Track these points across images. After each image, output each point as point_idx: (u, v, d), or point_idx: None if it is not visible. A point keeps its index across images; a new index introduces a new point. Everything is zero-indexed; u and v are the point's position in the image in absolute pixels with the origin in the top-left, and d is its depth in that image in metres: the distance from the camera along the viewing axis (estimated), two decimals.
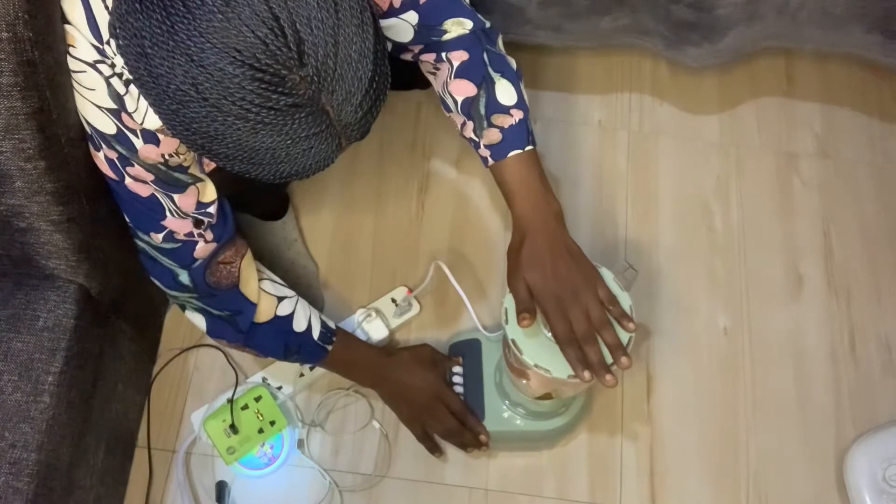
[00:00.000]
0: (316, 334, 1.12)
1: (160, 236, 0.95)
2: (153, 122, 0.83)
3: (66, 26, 0.79)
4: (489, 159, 0.99)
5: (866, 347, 1.36)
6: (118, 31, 0.69)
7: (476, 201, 1.45)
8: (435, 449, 1.23)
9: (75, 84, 0.82)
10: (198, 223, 0.95)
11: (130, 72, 0.70)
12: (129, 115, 0.82)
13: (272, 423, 1.21)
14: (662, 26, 1.44)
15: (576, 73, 1.55)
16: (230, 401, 1.21)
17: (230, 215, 1.00)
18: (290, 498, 1.23)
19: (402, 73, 0.95)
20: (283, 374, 1.26)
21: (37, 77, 0.77)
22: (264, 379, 1.26)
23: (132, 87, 0.80)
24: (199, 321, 1.06)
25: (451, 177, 1.47)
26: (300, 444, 1.25)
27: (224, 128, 0.67)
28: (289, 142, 0.68)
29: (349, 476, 1.25)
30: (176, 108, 0.67)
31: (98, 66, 0.79)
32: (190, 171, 0.91)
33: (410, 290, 1.34)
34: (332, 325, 1.15)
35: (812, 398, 1.32)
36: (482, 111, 0.98)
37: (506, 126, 0.98)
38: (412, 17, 0.98)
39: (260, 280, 1.07)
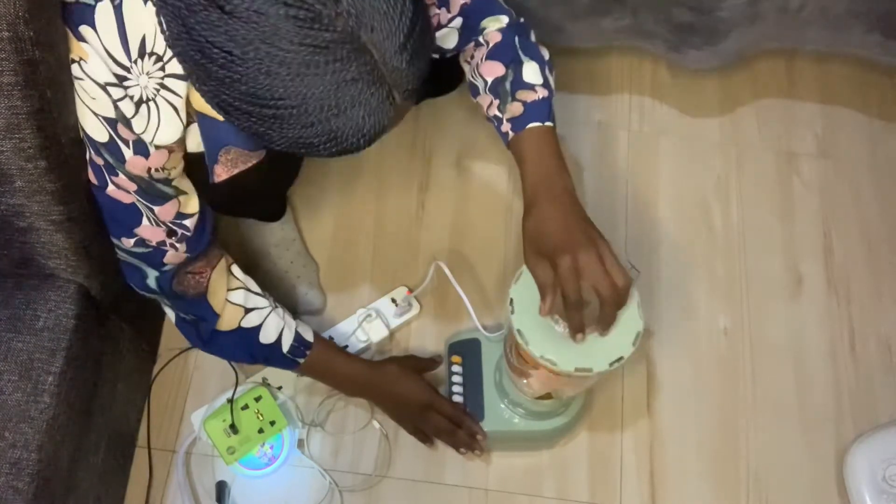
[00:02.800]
0: (286, 348, 1.11)
1: (131, 241, 0.94)
2: (164, 138, 0.83)
3: (82, 44, 0.79)
4: (510, 133, 0.99)
5: (866, 347, 1.36)
6: (163, 24, 0.69)
7: (476, 201, 1.45)
8: (427, 439, 1.24)
9: (77, 87, 0.82)
10: (171, 233, 0.95)
11: (184, 60, 0.69)
12: (131, 129, 0.82)
13: (272, 423, 1.21)
14: (663, 28, 1.44)
15: (576, 73, 1.55)
16: (230, 401, 1.21)
17: (208, 230, 1.00)
18: (290, 498, 1.23)
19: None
20: (283, 375, 1.26)
21: (37, 76, 0.77)
22: (264, 379, 1.26)
23: (144, 107, 0.81)
24: (170, 315, 1.07)
25: (451, 177, 1.47)
26: (300, 444, 1.25)
27: (267, 80, 0.66)
28: (334, 87, 0.66)
29: (349, 476, 1.25)
30: (222, 76, 0.66)
31: (109, 88, 0.80)
32: (174, 183, 0.91)
33: (410, 290, 1.34)
34: (309, 337, 1.14)
35: (812, 398, 1.32)
36: (508, 88, 1.00)
37: (529, 101, 0.99)
38: (457, 21, 1.00)
39: (232, 290, 1.06)
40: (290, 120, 0.68)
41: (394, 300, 1.34)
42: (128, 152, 0.84)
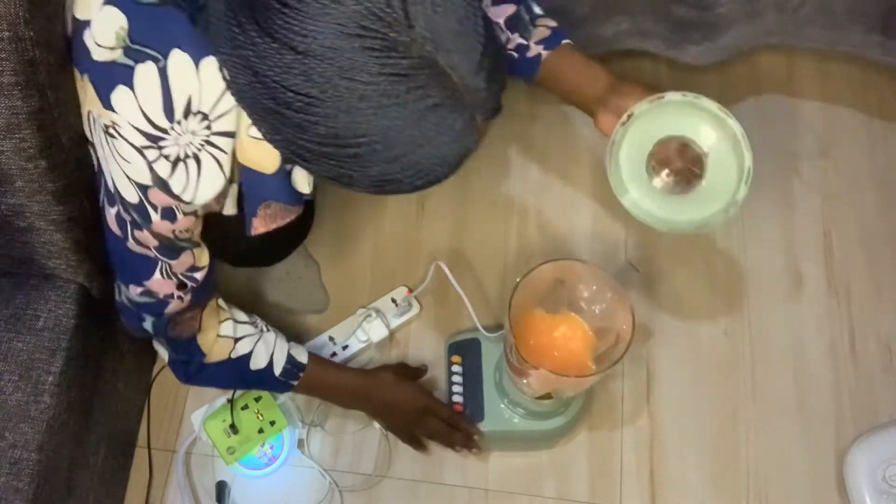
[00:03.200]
0: (278, 371, 1.10)
1: (137, 290, 0.93)
2: (206, 193, 0.81)
3: (111, 114, 0.76)
4: (542, 54, 1.01)
5: (866, 347, 1.36)
6: (230, 78, 0.69)
7: (476, 201, 1.45)
8: (421, 446, 1.24)
9: (109, 145, 0.79)
10: (181, 285, 0.94)
11: (255, 111, 0.69)
12: (166, 193, 0.80)
13: (272, 423, 1.21)
14: (663, 26, 1.44)
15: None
16: (230, 401, 1.21)
17: (211, 283, 0.99)
18: (290, 498, 1.23)
19: None
20: None
21: (37, 76, 0.77)
22: None
23: (182, 165, 0.79)
24: (162, 353, 1.06)
25: (452, 177, 1.46)
26: (300, 444, 1.25)
27: (349, 118, 0.65)
28: (417, 116, 0.65)
29: (349, 476, 1.25)
30: (300, 122, 0.66)
31: (145, 151, 0.78)
32: (192, 238, 0.90)
33: (410, 290, 1.34)
34: (302, 358, 1.13)
35: (812, 398, 1.32)
36: (525, 18, 1.02)
37: (551, 25, 1.02)
38: None
39: (222, 322, 1.05)
40: (372, 157, 0.67)
41: (394, 300, 1.34)
42: (155, 216, 0.83)
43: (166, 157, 0.78)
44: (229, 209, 0.87)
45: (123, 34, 0.75)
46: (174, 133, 0.77)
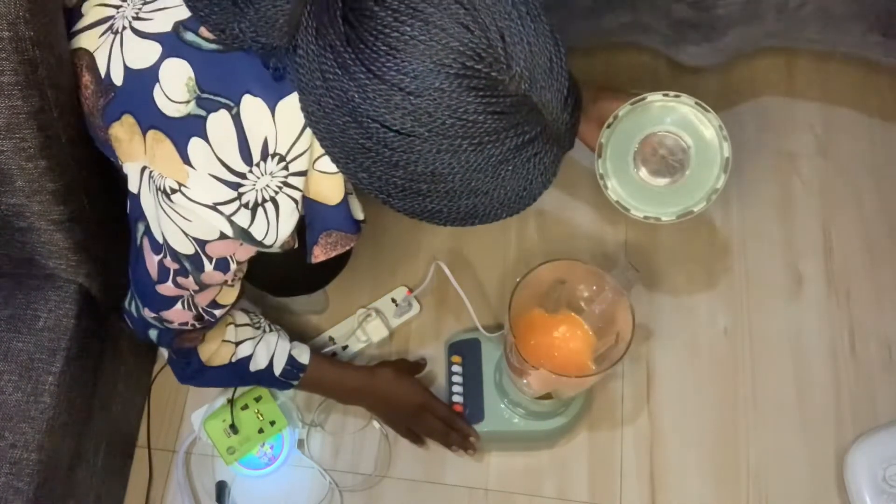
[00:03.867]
0: (278, 371, 1.11)
1: (151, 314, 0.93)
2: (283, 236, 0.82)
3: (185, 167, 0.76)
4: None
5: (866, 347, 1.36)
6: (316, 119, 0.70)
7: None
8: (418, 440, 1.24)
9: (167, 205, 0.79)
10: (199, 318, 0.94)
11: (343, 151, 0.70)
12: (250, 242, 0.80)
13: (272, 423, 1.21)
14: (663, 24, 1.44)
15: (575, 73, 1.55)
16: (230, 401, 1.21)
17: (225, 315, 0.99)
18: (290, 498, 1.23)
19: None
20: None
21: (38, 76, 0.77)
22: None
23: (261, 210, 0.79)
24: (164, 352, 1.06)
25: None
26: (300, 444, 1.25)
27: (450, 157, 0.66)
28: (512, 151, 0.67)
29: (349, 476, 1.25)
30: (396, 161, 0.67)
31: (220, 207, 0.78)
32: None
33: (410, 290, 1.34)
34: (303, 359, 1.13)
35: (812, 398, 1.32)
36: None
37: None
38: None
39: (225, 325, 1.05)
40: (464, 191, 0.69)
41: (394, 300, 1.34)
42: (208, 266, 0.83)
43: (245, 206, 0.78)
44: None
45: (192, 85, 0.75)
46: (252, 177, 0.77)
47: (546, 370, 0.98)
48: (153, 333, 0.98)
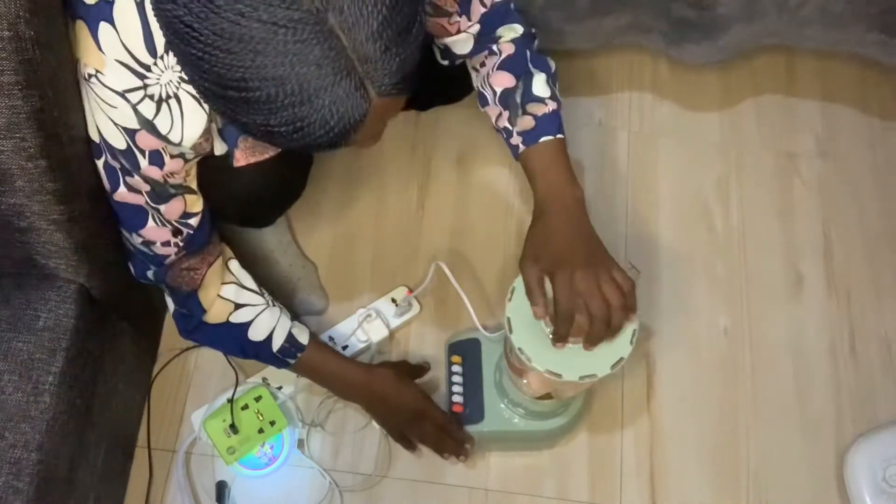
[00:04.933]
0: (276, 347, 1.12)
1: (139, 241, 0.96)
2: (192, 132, 0.82)
3: (95, 52, 0.78)
4: (520, 146, 1.00)
5: (866, 347, 1.36)
6: (157, 13, 0.68)
7: (476, 201, 1.45)
8: (411, 446, 1.24)
9: (91, 98, 0.82)
10: (176, 232, 0.96)
11: (168, 43, 0.68)
12: (154, 135, 0.82)
13: (272, 423, 1.21)
14: (663, 24, 1.44)
15: (576, 74, 1.55)
16: (230, 401, 1.21)
17: (206, 228, 1.00)
18: (290, 498, 1.23)
19: (424, 94, 0.98)
20: (283, 375, 1.26)
21: (38, 76, 0.77)
22: (264, 379, 1.26)
23: (165, 106, 0.80)
24: (169, 304, 1.09)
25: (452, 177, 1.47)
26: (300, 444, 1.25)
27: (229, 59, 0.63)
28: (296, 70, 0.63)
29: (349, 476, 1.25)
30: (193, 59, 0.65)
31: (127, 94, 0.80)
32: (185, 184, 0.92)
33: (410, 290, 1.34)
34: (303, 339, 1.14)
35: (812, 398, 1.32)
36: (518, 100, 1.01)
37: (539, 114, 1.00)
38: (474, 28, 1.01)
39: (224, 284, 1.07)
40: (255, 104, 0.65)
41: (394, 300, 1.34)
42: (143, 161, 0.85)
43: (150, 98, 0.80)
44: (218, 149, 0.88)
45: None
46: (157, 70, 0.78)
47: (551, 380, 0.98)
48: (151, 273, 1.00)
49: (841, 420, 1.31)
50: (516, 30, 1.03)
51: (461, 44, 1.02)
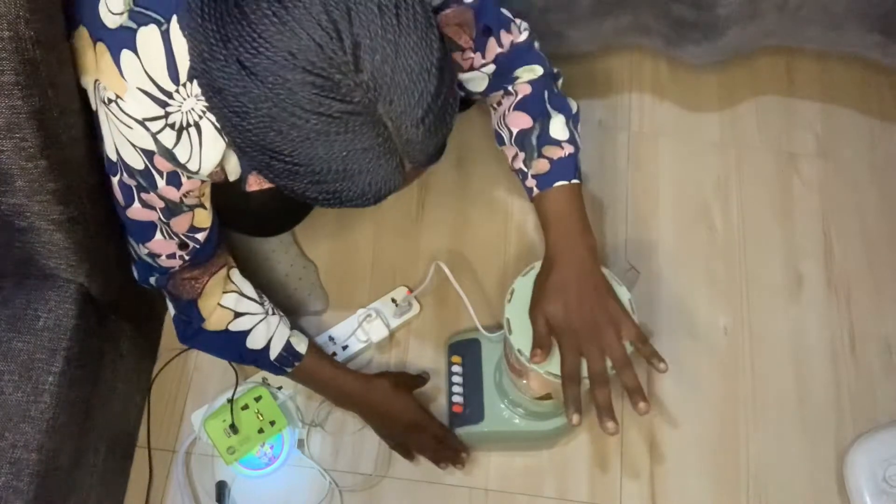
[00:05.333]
0: (273, 355, 1.12)
1: (144, 251, 0.96)
2: (209, 161, 0.83)
3: (118, 79, 0.78)
4: (535, 189, 1.00)
5: (866, 347, 1.37)
6: (189, 47, 0.69)
7: (476, 201, 1.45)
8: (408, 455, 1.24)
9: (109, 119, 0.81)
10: (183, 245, 0.96)
11: (202, 92, 0.69)
12: (173, 163, 0.82)
13: (272, 423, 1.21)
14: (663, 24, 1.44)
15: (576, 76, 1.54)
16: (230, 401, 1.21)
17: (213, 242, 1.00)
18: (290, 498, 1.23)
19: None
20: None
21: (38, 76, 0.77)
22: (264, 379, 1.26)
23: (185, 134, 0.80)
24: (170, 309, 1.09)
25: (452, 177, 1.47)
26: (300, 444, 1.25)
27: (279, 139, 0.66)
28: (344, 154, 0.66)
29: (349, 476, 1.25)
30: (236, 123, 0.67)
31: (148, 123, 0.79)
32: (200, 201, 0.92)
33: (410, 290, 1.34)
34: (300, 349, 1.14)
35: (812, 398, 1.33)
36: (534, 142, 1.00)
37: (555, 158, 0.98)
38: (489, 68, 0.99)
39: (226, 293, 1.06)
40: (298, 175, 0.68)
41: (394, 300, 1.34)
42: (160, 182, 0.85)
43: (171, 126, 0.79)
44: (232, 175, 0.88)
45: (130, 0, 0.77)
46: (178, 97, 0.78)
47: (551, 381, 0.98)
48: (153, 279, 1.00)
49: (841, 420, 1.31)
50: (535, 70, 1.02)
51: (475, 82, 1.01)
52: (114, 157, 0.85)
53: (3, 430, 0.92)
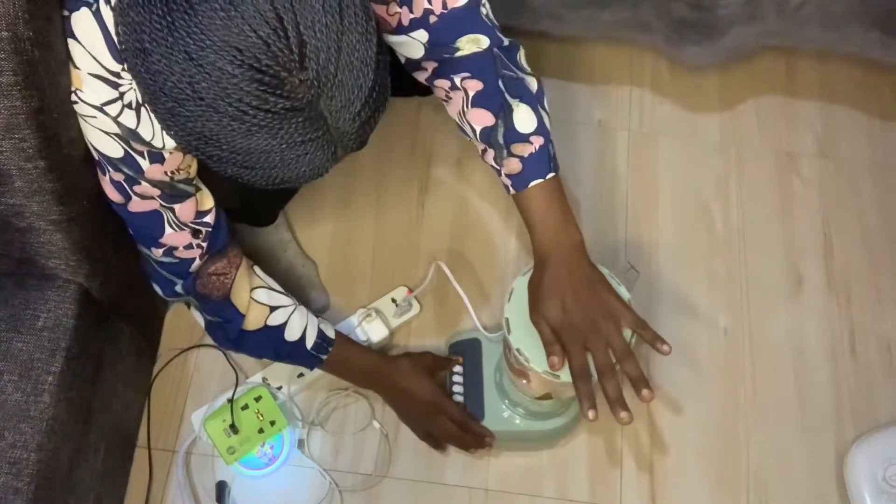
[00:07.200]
0: (310, 344, 1.12)
1: (160, 251, 0.96)
2: (171, 141, 0.83)
3: (73, 70, 0.79)
4: (510, 188, 0.98)
5: (866, 347, 1.36)
6: (119, 25, 0.69)
7: (476, 201, 1.45)
8: (438, 446, 1.24)
9: (80, 114, 0.82)
10: (196, 233, 0.96)
11: (129, 69, 0.69)
12: (140, 143, 0.83)
13: (272, 422, 1.21)
14: (662, 22, 1.44)
15: (576, 63, 1.55)
16: (230, 401, 1.21)
17: (224, 225, 1.01)
18: (290, 498, 1.23)
19: (402, 80, 0.95)
20: (283, 374, 1.26)
21: (37, 76, 0.77)
22: (264, 379, 1.26)
23: (144, 111, 0.81)
24: (199, 319, 1.08)
25: (452, 177, 1.47)
26: (300, 444, 1.25)
27: (219, 129, 0.67)
28: (283, 146, 0.68)
29: (349, 476, 1.25)
30: (171, 107, 0.67)
31: (106, 108, 0.80)
32: (190, 179, 0.92)
33: (410, 290, 1.34)
34: (331, 333, 1.15)
35: (812, 398, 1.32)
36: (501, 140, 0.96)
37: (525, 155, 0.95)
38: (422, 35, 0.94)
39: (255, 289, 1.07)
40: (230, 161, 0.69)
41: (394, 300, 1.34)
42: (144, 163, 0.85)
43: (128, 106, 0.80)
44: None
45: None
46: (126, 75, 0.78)
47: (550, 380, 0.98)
48: (179, 286, 1.00)
49: (841, 420, 1.31)
50: (480, 42, 0.94)
51: (409, 47, 0.95)
52: (96, 155, 0.86)
53: (2, 430, 0.92)
